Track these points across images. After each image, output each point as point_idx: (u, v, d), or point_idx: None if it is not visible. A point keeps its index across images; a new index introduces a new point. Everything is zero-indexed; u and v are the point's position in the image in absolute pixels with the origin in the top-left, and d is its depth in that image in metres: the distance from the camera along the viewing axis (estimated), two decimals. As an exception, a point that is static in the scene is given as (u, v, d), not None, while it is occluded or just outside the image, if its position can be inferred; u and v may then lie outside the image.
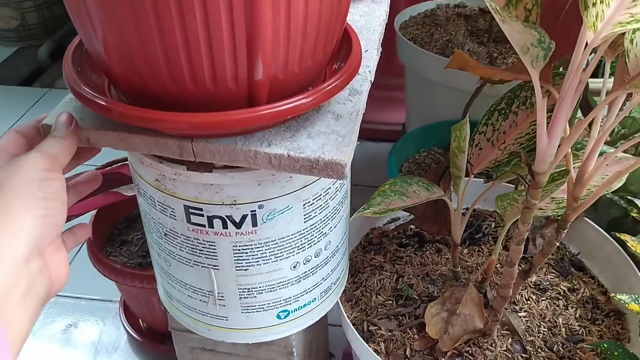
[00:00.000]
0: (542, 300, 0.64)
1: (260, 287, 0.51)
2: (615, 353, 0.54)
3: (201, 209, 0.45)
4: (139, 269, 0.77)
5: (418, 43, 0.98)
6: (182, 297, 0.54)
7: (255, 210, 0.45)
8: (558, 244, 0.55)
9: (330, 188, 0.49)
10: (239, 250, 0.48)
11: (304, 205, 0.47)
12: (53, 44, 1.70)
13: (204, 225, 0.46)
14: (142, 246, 0.84)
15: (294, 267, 0.51)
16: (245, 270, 0.49)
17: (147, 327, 0.90)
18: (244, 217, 0.46)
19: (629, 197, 0.72)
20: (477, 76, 0.75)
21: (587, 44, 0.39)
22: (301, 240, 0.49)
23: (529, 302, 0.64)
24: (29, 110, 1.46)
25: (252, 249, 0.48)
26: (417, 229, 0.74)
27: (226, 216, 0.46)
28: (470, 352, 0.58)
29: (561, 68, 0.69)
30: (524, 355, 0.58)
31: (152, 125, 0.38)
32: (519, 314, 0.63)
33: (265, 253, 0.48)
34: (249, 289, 0.51)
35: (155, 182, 0.46)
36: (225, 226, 0.46)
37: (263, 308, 0.52)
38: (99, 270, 0.77)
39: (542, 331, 0.61)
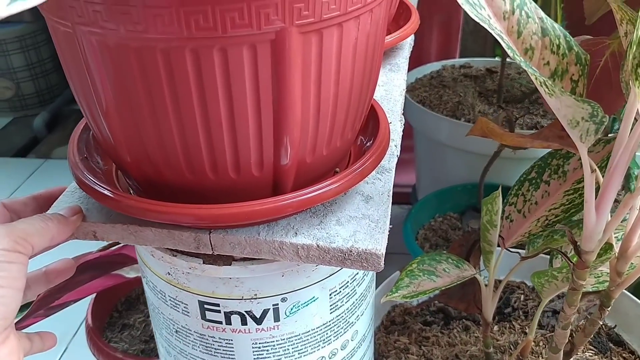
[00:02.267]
0: (584, 381, 0.59)
1: (282, 387, 0.46)
2: None
3: (218, 305, 0.41)
4: (142, 357, 0.71)
5: (427, 105, 0.95)
6: (194, 398, 0.48)
7: (277, 304, 0.41)
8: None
9: (357, 274, 0.45)
10: (259, 348, 0.43)
11: (330, 294, 0.43)
12: (49, 114, 1.68)
13: (220, 322, 0.42)
14: (145, 330, 0.78)
15: (320, 362, 0.46)
16: (267, 369, 0.44)
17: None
18: (265, 311, 0.41)
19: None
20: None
21: (638, 113, 0.36)
22: (327, 333, 0.45)
23: (570, 384, 0.59)
24: (25, 182, 1.42)
25: (274, 346, 0.43)
26: (441, 304, 0.69)
27: (246, 312, 0.41)
28: None
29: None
30: None
31: (167, 219, 0.34)
32: (561, 399, 0.58)
33: (288, 350, 0.44)
34: (270, 389, 0.45)
35: (167, 275, 0.41)
36: (244, 322, 0.42)
37: (286, 409, 0.47)
38: (98, 359, 0.72)
39: (589, 419, 0.55)
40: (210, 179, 0.34)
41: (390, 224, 0.39)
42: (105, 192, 0.35)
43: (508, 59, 1.03)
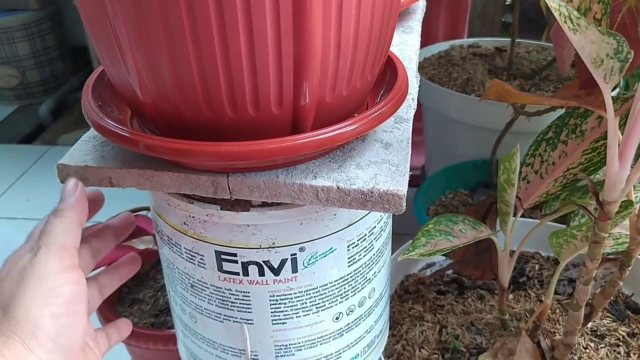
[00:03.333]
0: (602, 347, 0.58)
1: (299, 343, 0.45)
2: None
3: (235, 255, 0.40)
4: (153, 330, 0.70)
5: (436, 82, 0.95)
6: (208, 358, 0.48)
7: (295, 254, 0.40)
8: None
9: (375, 228, 0.44)
10: (277, 301, 0.42)
11: (348, 247, 0.42)
12: (54, 102, 1.68)
13: (237, 274, 0.41)
14: (155, 304, 0.78)
15: (337, 318, 0.45)
16: (283, 323, 0.44)
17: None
18: (283, 262, 0.41)
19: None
20: (507, 111, 0.71)
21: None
22: (344, 288, 0.44)
23: (587, 350, 0.58)
24: (31, 168, 1.42)
25: (291, 299, 0.42)
26: (455, 274, 0.68)
27: (263, 261, 0.40)
28: (532, 409, 0.52)
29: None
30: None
31: (185, 158, 0.33)
32: (579, 364, 0.57)
33: (305, 303, 0.43)
34: (286, 345, 0.45)
35: (183, 226, 0.41)
36: (261, 273, 0.41)
37: (302, 367, 0.46)
38: (109, 332, 0.71)
39: (608, 383, 0.55)
40: (228, 116, 0.33)
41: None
42: (123, 132, 0.34)
43: (517, 39, 1.02)
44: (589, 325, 0.61)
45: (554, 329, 0.60)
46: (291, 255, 0.40)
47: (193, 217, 0.40)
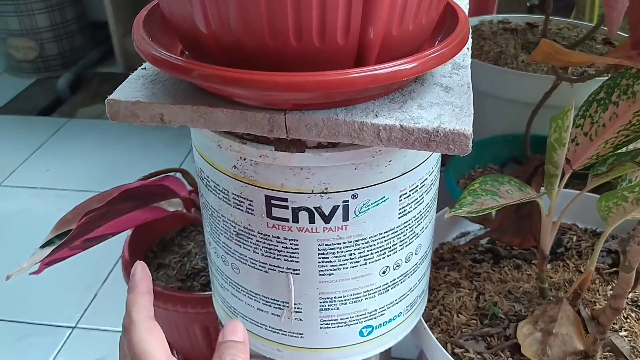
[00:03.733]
0: (643, 318, 0.57)
1: (344, 297, 0.44)
2: None
3: (285, 200, 0.39)
4: (183, 292, 0.69)
5: (468, 55, 0.93)
6: (249, 312, 0.47)
7: (348, 201, 0.39)
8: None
9: (426, 180, 0.43)
10: (325, 250, 0.41)
11: (400, 196, 0.41)
12: (72, 76, 1.67)
13: (287, 220, 0.40)
14: (181, 270, 0.77)
15: (384, 272, 0.44)
16: (330, 275, 0.42)
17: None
18: (334, 208, 0.39)
19: None
20: (542, 84, 0.69)
21: None
22: (393, 240, 0.43)
23: (628, 320, 0.57)
24: (49, 140, 1.41)
25: (340, 248, 0.41)
26: (489, 244, 0.67)
27: (314, 208, 0.39)
28: (576, 375, 0.51)
29: None
30: (637, 379, 0.51)
31: (241, 87, 0.32)
32: (620, 334, 0.56)
33: (354, 254, 0.42)
34: (331, 298, 0.44)
35: (233, 169, 0.40)
36: (312, 220, 0.40)
37: (345, 322, 0.45)
38: (136, 294, 0.70)
39: (651, 351, 0.53)
40: (292, 46, 0.32)
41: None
42: (177, 61, 0.33)
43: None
44: (630, 295, 0.60)
45: (594, 299, 0.59)
46: (343, 202, 0.39)
47: (244, 159, 0.38)
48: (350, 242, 0.41)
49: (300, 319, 0.45)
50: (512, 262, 0.64)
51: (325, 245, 0.41)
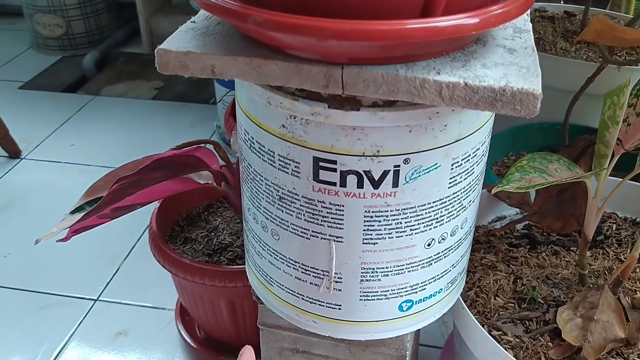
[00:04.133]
0: (687, 309, 0.55)
1: (387, 268, 0.42)
2: None
3: (334, 162, 0.38)
4: (211, 265, 0.68)
5: (505, 40, 0.91)
6: (286, 280, 0.46)
7: (399, 166, 0.38)
8: None
9: (478, 150, 0.41)
10: (371, 217, 0.40)
11: (452, 165, 0.39)
12: (98, 54, 1.66)
13: (334, 184, 0.39)
14: (207, 244, 0.76)
15: (429, 245, 0.42)
16: (374, 244, 0.41)
17: (205, 336, 0.81)
18: (384, 173, 0.38)
19: None
20: (582, 70, 0.67)
21: None
22: (441, 212, 0.41)
23: (671, 311, 0.55)
24: (74, 116, 1.41)
25: (387, 217, 0.40)
26: (525, 230, 0.65)
27: (364, 171, 0.38)
28: (619, 363, 0.49)
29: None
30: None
31: (297, 33, 0.30)
32: (662, 324, 0.54)
33: (400, 223, 0.40)
34: (373, 269, 0.42)
35: (281, 128, 0.38)
36: (360, 185, 0.38)
37: (385, 295, 0.44)
38: (163, 266, 0.69)
39: (698, 342, 0.51)
40: (357, -7, 0.31)
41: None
42: (232, 6, 0.32)
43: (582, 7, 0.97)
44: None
45: (635, 287, 0.57)
46: (394, 166, 0.38)
47: (295, 117, 0.37)
48: (398, 210, 0.40)
49: (340, 290, 0.44)
50: (550, 248, 0.62)
51: (372, 212, 0.40)
